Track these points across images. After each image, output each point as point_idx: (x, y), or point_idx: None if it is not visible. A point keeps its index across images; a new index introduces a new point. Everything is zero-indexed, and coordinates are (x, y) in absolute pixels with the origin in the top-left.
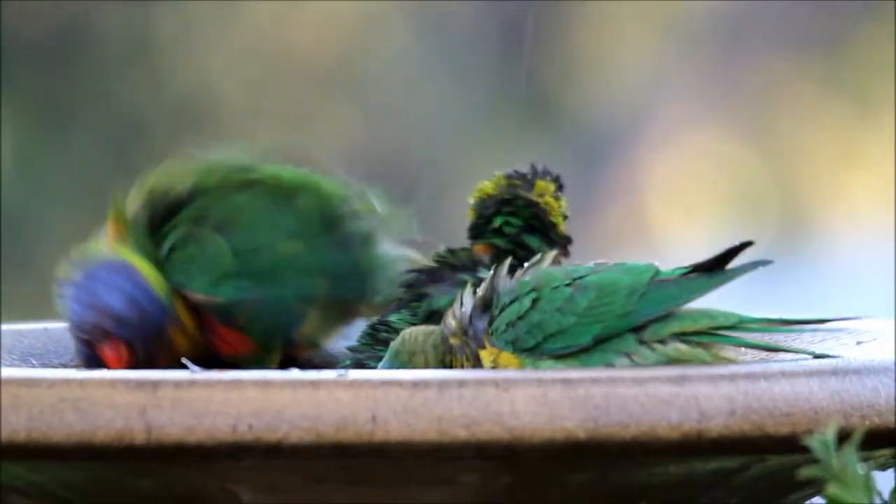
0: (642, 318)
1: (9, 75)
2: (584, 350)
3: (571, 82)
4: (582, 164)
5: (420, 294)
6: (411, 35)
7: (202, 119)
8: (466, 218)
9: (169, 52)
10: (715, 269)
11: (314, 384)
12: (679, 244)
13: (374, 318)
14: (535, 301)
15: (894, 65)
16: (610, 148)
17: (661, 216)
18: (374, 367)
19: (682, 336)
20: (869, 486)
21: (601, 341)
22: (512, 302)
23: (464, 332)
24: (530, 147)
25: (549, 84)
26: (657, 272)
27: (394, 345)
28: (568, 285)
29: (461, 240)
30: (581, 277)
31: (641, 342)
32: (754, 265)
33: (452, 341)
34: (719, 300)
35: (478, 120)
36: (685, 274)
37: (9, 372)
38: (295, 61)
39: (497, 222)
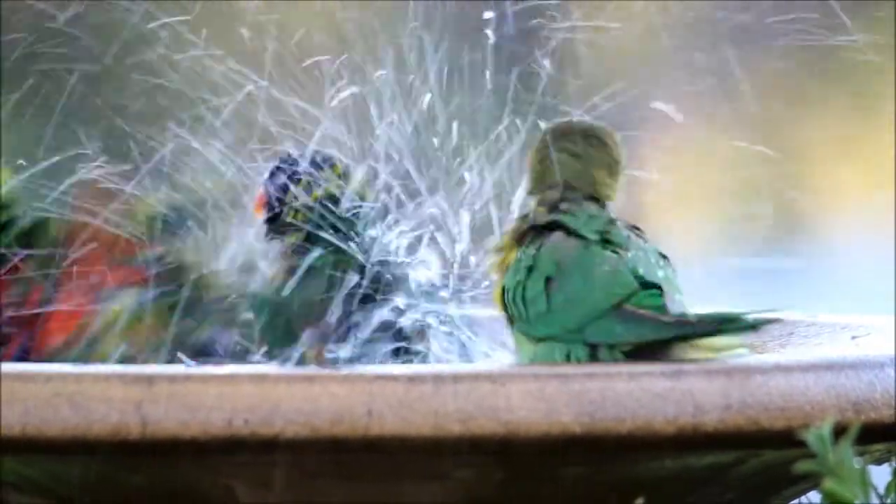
0: (589, 340)
1: (4, 69)
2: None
3: (568, 76)
4: None
5: None
6: (407, 31)
7: (199, 114)
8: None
9: (165, 47)
10: (702, 321)
11: (309, 379)
12: (674, 239)
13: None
14: (519, 283)
15: (894, 60)
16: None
17: (657, 211)
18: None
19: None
20: (865, 481)
21: (551, 338)
22: (516, 268)
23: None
24: (527, 144)
25: (545, 79)
26: (629, 296)
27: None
28: (549, 279)
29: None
30: (565, 272)
31: (592, 353)
32: (741, 327)
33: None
34: (719, 297)
35: (475, 117)
36: (659, 313)
37: (4, 366)
38: (292, 57)
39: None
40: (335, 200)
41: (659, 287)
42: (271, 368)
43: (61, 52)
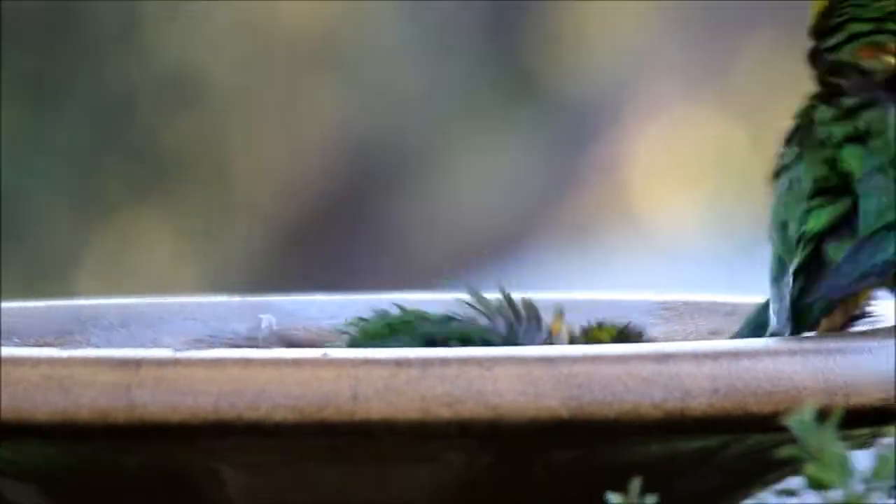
0: None
1: (2, 53)
2: None
3: (556, 57)
4: (566, 139)
5: None
6: (400, 12)
7: (191, 96)
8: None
9: (159, 29)
10: None
11: (296, 362)
12: (663, 221)
13: None
14: None
15: None
16: (594, 123)
17: (645, 192)
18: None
19: None
20: (846, 466)
21: None
22: None
23: None
24: (516, 123)
25: (535, 59)
26: None
27: None
28: None
29: (448, 214)
30: None
31: None
32: None
33: None
34: (707, 279)
35: (464, 97)
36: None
37: None
38: (284, 38)
39: None
40: None
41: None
42: (258, 353)
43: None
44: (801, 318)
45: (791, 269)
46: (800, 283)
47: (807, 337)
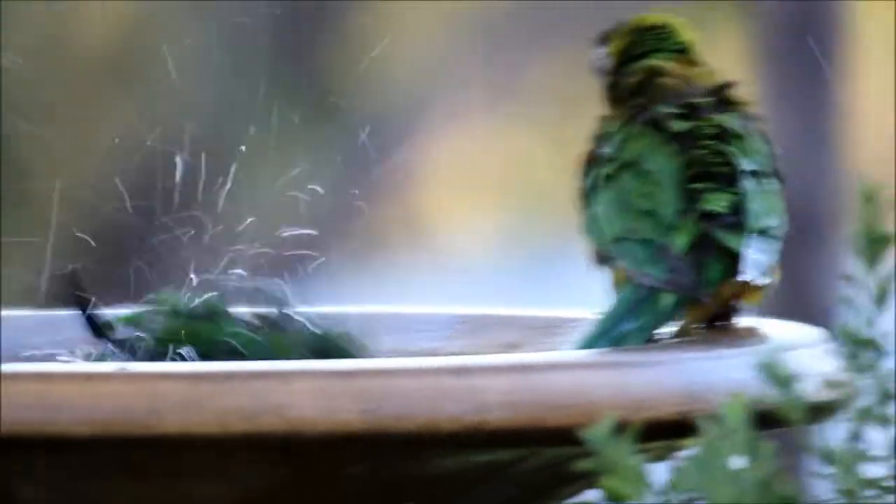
0: None
1: None
2: None
3: (352, 69)
4: (361, 154)
5: None
6: (194, 27)
7: None
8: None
9: None
10: None
11: (93, 377)
12: (458, 235)
13: None
14: None
15: None
16: (390, 136)
17: (440, 206)
18: None
19: None
20: (641, 478)
21: None
22: None
23: None
24: (311, 137)
25: (330, 70)
26: None
27: None
28: None
29: (242, 228)
30: None
31: None
32: None
33: None
34: (502, 295)
35: (258, 109)
36: None
37: None
38: (78, 50)
39: None
40: None
41: None
42: (55, 366)
43: None
44: (705, 285)
45: (678, 244)
46: (693, 257)
47: (603, 351)
